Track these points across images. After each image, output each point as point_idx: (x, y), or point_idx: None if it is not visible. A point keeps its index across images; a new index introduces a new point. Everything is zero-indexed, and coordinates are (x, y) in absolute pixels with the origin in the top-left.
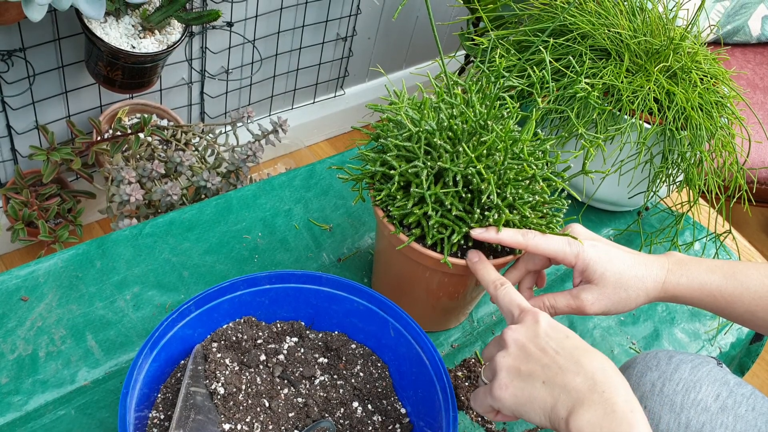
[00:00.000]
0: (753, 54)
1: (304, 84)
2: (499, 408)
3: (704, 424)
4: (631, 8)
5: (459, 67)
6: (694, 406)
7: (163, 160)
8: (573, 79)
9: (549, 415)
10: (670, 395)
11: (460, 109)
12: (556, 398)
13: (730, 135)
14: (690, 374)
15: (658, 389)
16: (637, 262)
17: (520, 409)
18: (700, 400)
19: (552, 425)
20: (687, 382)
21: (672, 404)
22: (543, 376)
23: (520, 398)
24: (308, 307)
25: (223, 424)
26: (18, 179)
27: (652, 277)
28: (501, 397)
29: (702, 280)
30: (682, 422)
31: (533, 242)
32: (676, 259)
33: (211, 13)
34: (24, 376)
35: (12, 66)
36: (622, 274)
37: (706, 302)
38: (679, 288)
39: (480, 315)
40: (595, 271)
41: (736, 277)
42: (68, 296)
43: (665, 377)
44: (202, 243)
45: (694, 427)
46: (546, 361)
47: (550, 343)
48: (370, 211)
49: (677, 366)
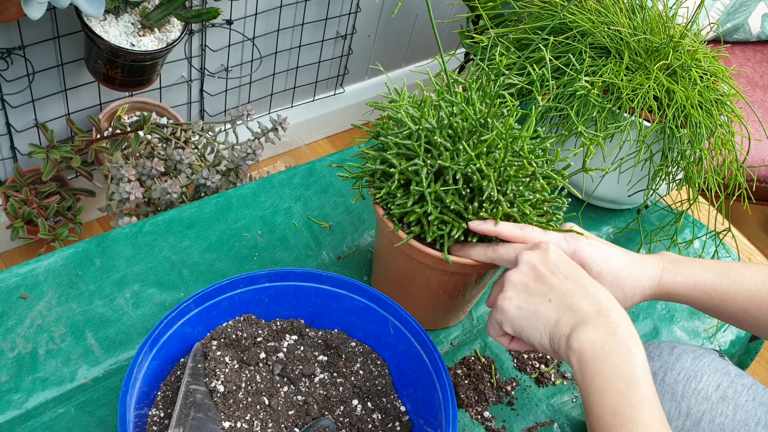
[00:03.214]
0: (753, 52)
1: (303, 82)
2: (501, 321)
3: (704, 413)
4: (630, 6)
5: (459, 65)
6: (695, 395)
7: (163, 158)
8: (573, 77)
9: (551, 331)
10: (672, 384)
11: (460, 107)
12: (560, 316)
13: (730, 133)
14: (692, 364)
15: (660, 378)
16: (632, 261)
17: (522, 323)
18: (701, 389)
19: (551, 343)
20: (688, 371)
21: (673, 393)
22: (550, 294)
23: (524, 311)
24: (308, 305)
25: (222, 422)
26: (17, 177)
27: (647, 275)
28: (505, 308)
29: (697, 278)
30: (682, 411)
31: (530, 236)
32: (670, 258)
33: (211, 11)
34: (24, 374)
35: (11, 64)
36: (618, 273)
37: (701, 300)
38: (674, 286)
39: (480, 313)
40: (592, 269)
41: (729, 276)
42: (68, 294)
43: (667, 366)
44: (202, 241)
45: (694, 416)
46: (555, 282)
47: (560, 267)
48: (370, 209)
49: (679, 356)
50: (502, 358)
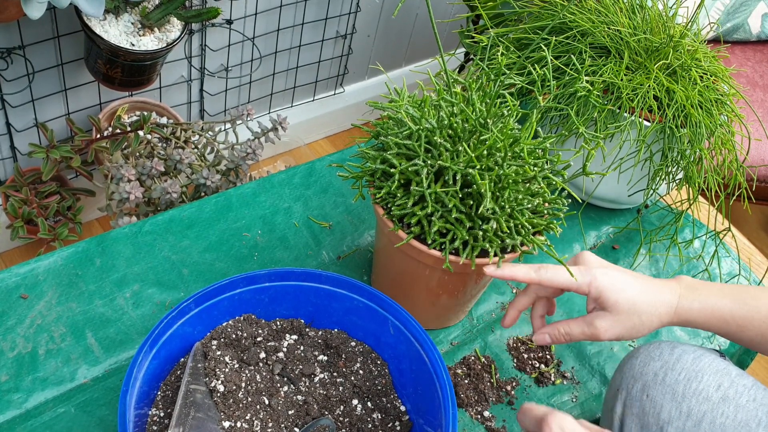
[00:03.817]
0: (753, 52)
1: (303, 82)
2: None
3: (705, 414)
4: (630, 6)
5: (459, 65)
6: (696, 395)
7: (163, 157)
8: (573, 77)
9: None
10: (672, 384)
11: (460, 107)
12: None
13: (730, 133)
14: (692, 364)
15: (661, 378)
16: (648, 288)
17: None
18: (702, 389)
19: None
20: (689, 371)
21: (674, 393)
22: None
23: None
24: (308, 304)
25: (222, 422)
26: (17, 177)
27: (664, 303)
28: None
29: (713, 305)
30: (683, 411)
31: (546, 277)
32: (686, 284)
33: (211, 11)
34: (24, 373)
35: (11, 64)
36: (635, 301)
37: (718, 326)
38: (691, 313)
39: (480, 312)
40: (608, 299)
41: (747, 302)
42: (68, 294)
43: (668, 367)
44: (202, 241)
45: (695, 416)
46: None
47: None
48: (370, 208)
49: (680, 356)
50: (502, 358)
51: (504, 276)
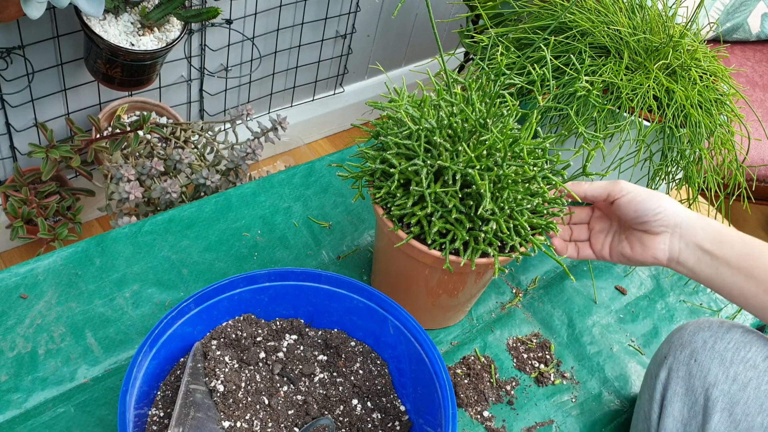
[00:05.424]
0: (752, 51)
1: (303, 81)
2: None
3: (751, 380)
4: (630, 6)
5: (458, 64)
6: (743, 362)
7: (163, 157)
8: (573, 77)
9: None
10: (721, 351)
11: (460, 107)
12: None
13: (730, 132)
14: (741, 336)
15: (710, 345)
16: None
17: None
18: (750, 357)
19: None
20: (738, 341)
21: (722, 359)
22: None
23: None
24: (308, 304)
25: (222, 422)
26: (17, 177)
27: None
28: None
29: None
30: (730, 375)
31: (576, 190)
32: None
33: (210, 11)
34: (23, 373)
35: (11, 63)
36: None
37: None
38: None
39: (479, 312)
40: (639, 192)
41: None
42: (68, 294)
43: (717, 336)
44: (202, 240)
45: (741, 381)
46: None
47: None
48: (370, 208)
49: (729, 328)
50: (502, 358)
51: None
